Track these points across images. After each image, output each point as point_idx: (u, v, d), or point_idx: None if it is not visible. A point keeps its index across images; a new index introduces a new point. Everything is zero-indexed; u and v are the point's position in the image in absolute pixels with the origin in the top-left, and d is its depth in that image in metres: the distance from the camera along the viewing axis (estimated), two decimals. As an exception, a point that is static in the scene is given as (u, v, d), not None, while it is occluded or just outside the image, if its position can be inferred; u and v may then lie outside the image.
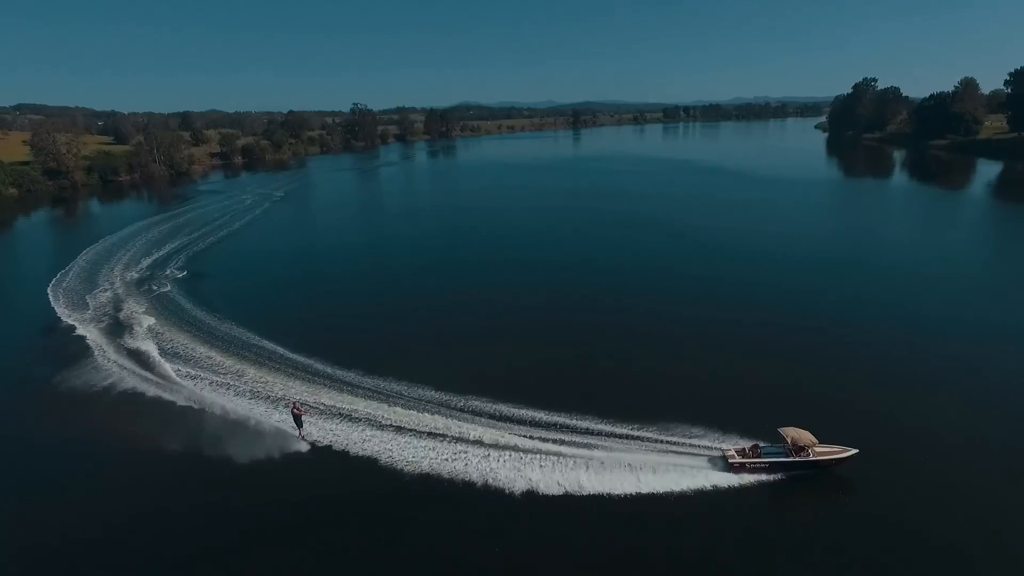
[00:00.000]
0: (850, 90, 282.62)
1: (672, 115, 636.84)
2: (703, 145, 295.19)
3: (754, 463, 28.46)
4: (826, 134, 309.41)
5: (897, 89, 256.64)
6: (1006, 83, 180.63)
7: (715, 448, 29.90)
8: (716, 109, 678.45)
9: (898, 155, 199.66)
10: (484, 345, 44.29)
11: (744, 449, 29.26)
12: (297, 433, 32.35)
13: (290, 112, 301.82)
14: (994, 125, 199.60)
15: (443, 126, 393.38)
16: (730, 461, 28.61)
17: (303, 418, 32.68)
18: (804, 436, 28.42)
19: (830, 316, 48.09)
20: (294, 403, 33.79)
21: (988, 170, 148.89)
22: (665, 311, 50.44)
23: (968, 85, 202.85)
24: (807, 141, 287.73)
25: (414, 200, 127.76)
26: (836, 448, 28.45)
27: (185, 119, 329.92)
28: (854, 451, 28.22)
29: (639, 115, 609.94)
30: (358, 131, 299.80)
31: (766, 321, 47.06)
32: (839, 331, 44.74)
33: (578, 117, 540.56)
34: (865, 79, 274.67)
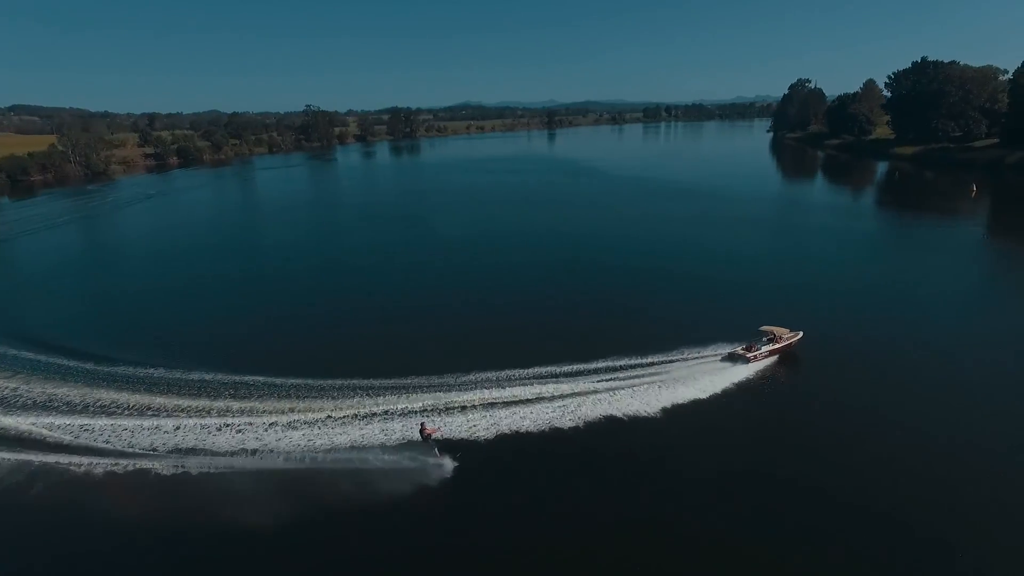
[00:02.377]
0: (787, 91, 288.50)
1: (653, 115, 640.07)
2: (631, 146, 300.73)
3: (761, 354, 39.58)
4: (770, 134, 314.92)
5: (820, 90, 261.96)
6: (886, 85, 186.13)
7: (722, 353, 40.23)
8: (699, 109, 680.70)
9: (797, 154, 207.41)
10: (477, 324, 49.41)
11: (749, 347, 40.05)
12: (436, 454, 30.15)
13: (233, 113, 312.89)
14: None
15: (407, 126, 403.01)
16: (747, 356, 39.31)
17: (431, 437, 30.34)
18: (778, 329, 40.64)
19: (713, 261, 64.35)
20: (423, 424, 30.93)
21: (858, 166, 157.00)
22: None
23: (867, 86, 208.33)
24: (757, 141, 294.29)
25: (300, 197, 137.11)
26: (791, 332, 40.97)
27: (152, 120, 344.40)
28: (800, 333, 41.22)
29: (617, 115, 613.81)
30: (311, 131, 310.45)
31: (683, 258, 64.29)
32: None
33: (552, 117, 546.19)
34: (799, 80, 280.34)
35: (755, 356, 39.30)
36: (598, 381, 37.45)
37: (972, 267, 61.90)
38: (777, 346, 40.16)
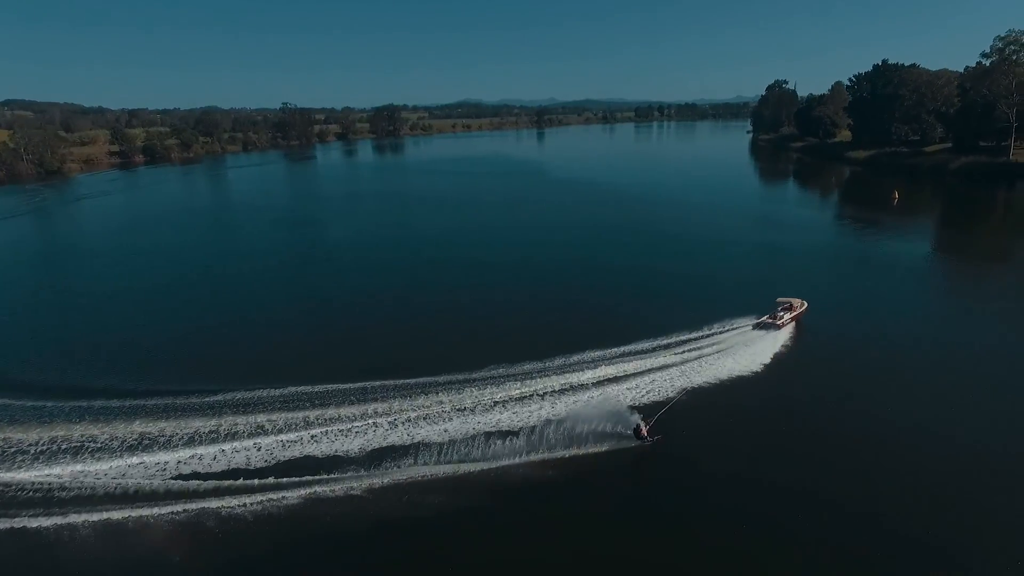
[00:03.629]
0: (763, 92, 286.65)
1: (645, 114, 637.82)
2: (601, 147, 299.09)
3: (785, 321, 44.60)
4: (750, 135, 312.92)
5: (793, 92, 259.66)
6: (847, 88, 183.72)
7: (749, 323, 45.13)
8: (692, 108, 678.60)
9: (764, 156, 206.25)
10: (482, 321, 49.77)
11: (774, 314, 45.02)
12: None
13: (203, 111, 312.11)
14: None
15: (391, 125, 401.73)
16: (776, 323, 44.31)
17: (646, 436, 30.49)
18: (793, 300, 46.34)
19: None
20: (638, 424, 30.60)
21: (812, 170, 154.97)
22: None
23: (835, 88, 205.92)
24: (735, 142, 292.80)
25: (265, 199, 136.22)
26: (800, 301, 46.58)
27: (132, 116, 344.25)
28: (806, 303, 46.73)
29: (608, 114, 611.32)
30: (288, 129, 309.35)
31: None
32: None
33: (541, 116, 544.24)
34: (776, 81, 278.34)
35: (782, 322, 44.36)
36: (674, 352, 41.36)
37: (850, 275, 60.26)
38: (794, 313, 45.45)
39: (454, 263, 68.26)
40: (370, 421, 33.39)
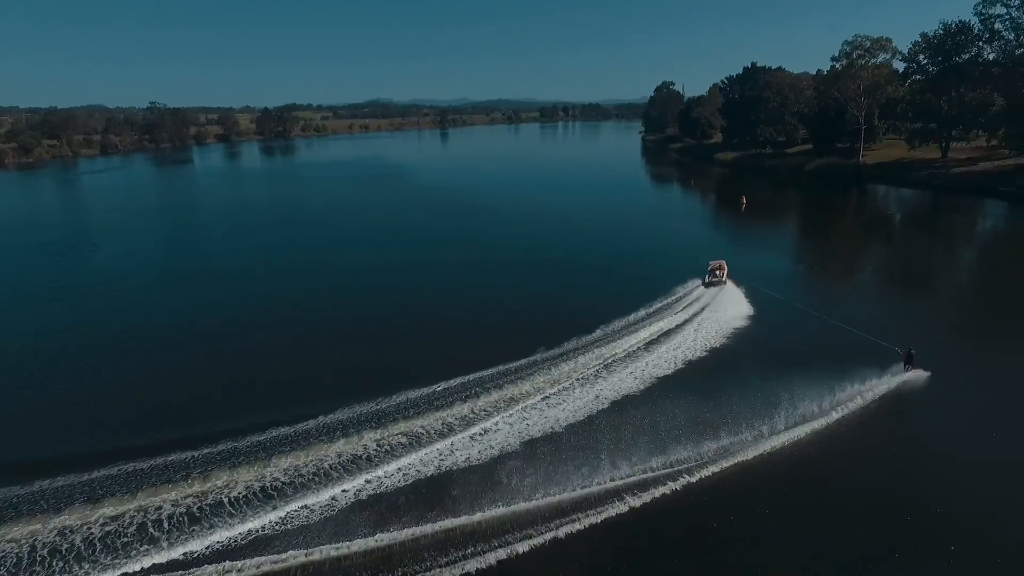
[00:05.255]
0: (652, 93, 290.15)
1: (550, 115, 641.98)
2: (486, 147, 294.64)
3: (727, 277, 52.64)
4: (641, 134, 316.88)
5: (678, 93, 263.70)
6: (721, 90, 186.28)
7: (699, 283, 52.21)
8: (596, 108, 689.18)
9: (648, 157, 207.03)
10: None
11: (713, 273, 52.73)
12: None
13: (50, 109, 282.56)
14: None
15: (279, 125, 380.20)
16: (724, 280, 52.21)
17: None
18: (719, 262, 53.66)
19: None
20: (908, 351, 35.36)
21: (688, 168, 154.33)
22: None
23: (712, 90, 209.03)
24: (627, 141, 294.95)
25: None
26: (722, 261, 54.21)
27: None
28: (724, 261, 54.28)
29: (513, 115, 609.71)
30: (157, 131, 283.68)
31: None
32: None
33: (445, 117, 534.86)
34: (664, 82, 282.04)
35: (726, 279, 52.37)
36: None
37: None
38: (726, 270, 53.08)
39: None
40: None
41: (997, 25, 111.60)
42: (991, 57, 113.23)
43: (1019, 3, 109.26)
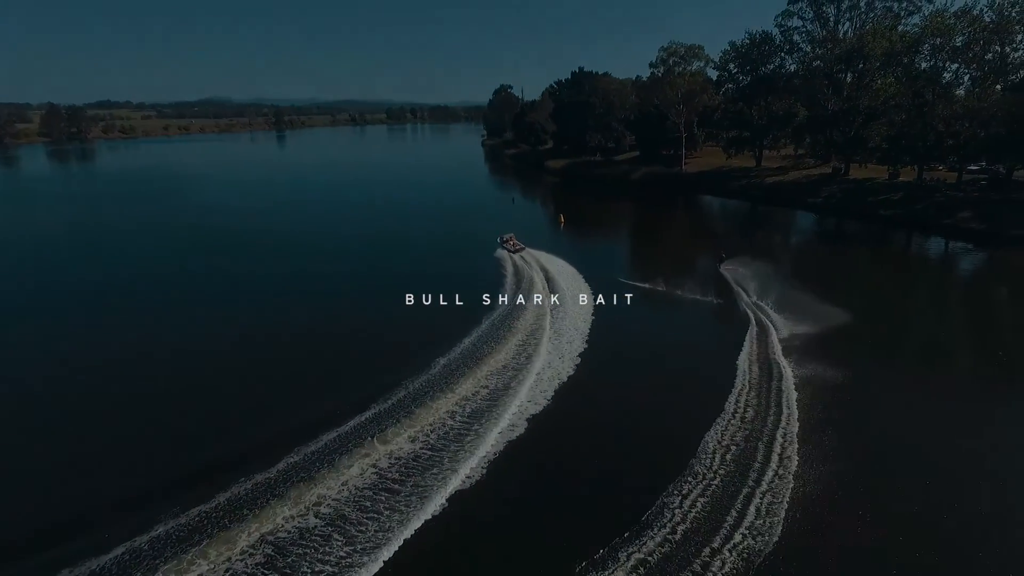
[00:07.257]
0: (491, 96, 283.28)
1: (397, 116, 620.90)
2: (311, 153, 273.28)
3: (519, 245, 63.55)
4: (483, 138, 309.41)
5: (517, 97, 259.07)
6: (551, 95, 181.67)
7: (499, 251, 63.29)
8: (445, 110, 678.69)
9: (490, 159, 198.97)
10: None
11: (506, 241, 64.53)
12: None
13: None
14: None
15: (72, 126, 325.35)
16: (519, 246, 63.26)
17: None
18: (509, 235, 65.93)
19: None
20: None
21: (521, 176, 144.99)
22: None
23: (545, 95, 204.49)
24: (469, 145, 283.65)
25: None
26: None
27: None
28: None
29: (358, 116, 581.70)
30: None
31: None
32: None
33: (281, 118, 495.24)
34: (502, 85, 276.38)
35: (518, 246, 62.75)
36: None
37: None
38: (515, 240, 63.97)
39: None
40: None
41: (795, 37, 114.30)
42: (792, 68, 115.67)
43: (812, 16, 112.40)
